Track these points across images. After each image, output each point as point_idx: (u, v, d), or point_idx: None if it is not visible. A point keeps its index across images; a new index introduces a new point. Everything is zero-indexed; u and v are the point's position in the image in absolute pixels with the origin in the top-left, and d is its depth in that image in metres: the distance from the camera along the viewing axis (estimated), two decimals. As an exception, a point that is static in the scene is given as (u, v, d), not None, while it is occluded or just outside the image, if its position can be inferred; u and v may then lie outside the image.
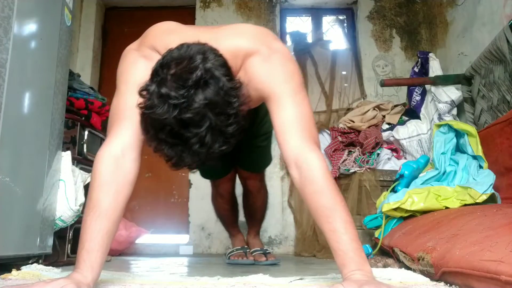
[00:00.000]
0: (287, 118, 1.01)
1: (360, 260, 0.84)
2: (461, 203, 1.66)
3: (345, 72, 3.49)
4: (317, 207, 0.92)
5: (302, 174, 0.95)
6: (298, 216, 3.01)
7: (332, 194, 0.91)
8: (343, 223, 0.88)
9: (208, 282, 1.00)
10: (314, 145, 0.99)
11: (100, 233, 0.88)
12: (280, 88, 1.05)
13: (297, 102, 1.03)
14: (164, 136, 0.83)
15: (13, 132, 1.35)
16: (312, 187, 0.93)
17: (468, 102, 2.44)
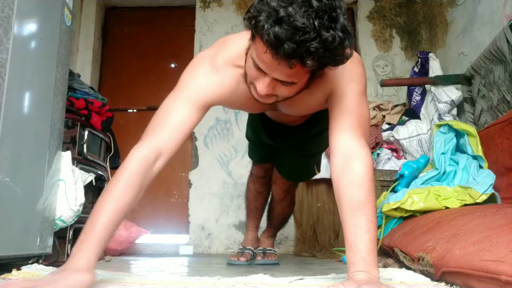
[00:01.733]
0: (346, 111, 1.03)
1: (371, 263, 0.84)
2: (461, 203, 1.67)
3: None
4: (349, 198, 0.92)
5: (346, 163, 0.96)
6: (298, 216, 3.01)
7: (367, 191, 0.92)
8: (367, 222, 0.88)
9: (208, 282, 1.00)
10: (365, 142, 1.01)
11: (111, 228, 0.88)
12: (346, 86, 1.06)
13: (359, 101, 1.06)
14: None
15: (13, 132, 1.35)
16: (350, 177, 0.94)
17: (468, 102, 2.44)
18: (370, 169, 0.95)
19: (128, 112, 3.52)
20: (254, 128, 1.81)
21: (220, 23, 3.53)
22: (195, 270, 1.58)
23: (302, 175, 2.00)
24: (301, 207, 3.00)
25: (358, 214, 0.88)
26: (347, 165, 0.96)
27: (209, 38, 3.50)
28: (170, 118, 1.02)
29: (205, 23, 3.54)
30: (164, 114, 1.03)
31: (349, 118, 1.02)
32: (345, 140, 0.99)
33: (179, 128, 1.01)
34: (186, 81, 1.09)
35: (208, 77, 1.09)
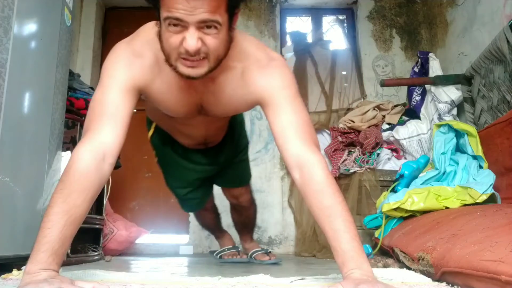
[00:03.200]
0: (287, 122, 1.03)
1: (359, 259, 0.84)
2: (461, 203, 1.67)
3: (345, 72, 3.49)
4: (318, 206, 0.92)
5: (304, 175, 0.96)
6: (298, 216, 3.01)
7: (333, 194, 0.92)
8: (344, 222, 0.88)
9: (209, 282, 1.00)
10: (315, 147, 1.01)
11: (71, 238, 0.87)
12: (278, 94, 1.07)
13: (295, 107, 1.06)
14: None
15: (13, 132, 1.35)
16: (313, 186, 0.94)
17: (468, 102, 2.44)
18: (326, 171, 0.96)
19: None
20: (185, 175, 1.79)
21: (220, 23, 3.53)
22: (195, 270, 1.58)
23: (249, 170, 2.01)
24: (301, 207, 3.00)
25: (333, 219, 0.89)
26: (305, 176, 0.96)
27: (209, 38, 3.50)
28: (106, 110, 0.99)
29: (205, 23, 3.53)
30: (98, 106, 1.00)
31: (291, 128, 1.02)
32: (295, 152, 0.99)
33: (117, 118, 0.98)
34: (109, 69, 1.07)
35: (129, 61, 1.08)
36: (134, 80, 1.07)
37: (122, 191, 3.19)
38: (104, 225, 2.36)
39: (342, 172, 2.68)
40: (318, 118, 3.23)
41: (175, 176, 1.83)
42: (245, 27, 3.52)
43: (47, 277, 0.79)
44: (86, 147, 0.92)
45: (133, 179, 3.31)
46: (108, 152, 0.95)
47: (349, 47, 3.56)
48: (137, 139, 3.34)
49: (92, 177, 0.90)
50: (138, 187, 3.33)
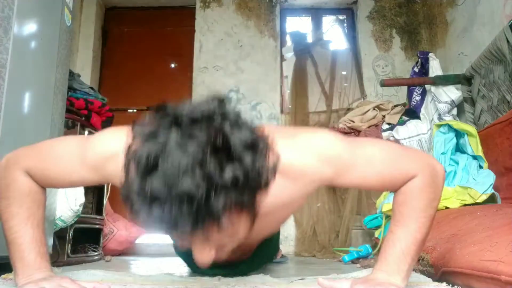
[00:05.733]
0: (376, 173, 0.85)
1: (395, 267, 0.79)
2: (461, 203, 1.67)
3: (345, 72, 3.49)
4: (395, 210, 0.85)
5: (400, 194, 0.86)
6: (298, 216, 3.01)
7: (415, 206, 0.82)
8: (405, 233, 0.81)
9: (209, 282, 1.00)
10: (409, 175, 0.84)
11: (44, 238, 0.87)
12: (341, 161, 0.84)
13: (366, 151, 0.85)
14: None
15: (13, 132, 1.35)
16: (401, 197, 0.85)
17: (468, 102, 2.44)
18: (421, 190, 0.83)
19: (128, 112, 3.51)
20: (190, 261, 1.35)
21: (220, 23, 3.54)
22: (195, 270, 1.58)
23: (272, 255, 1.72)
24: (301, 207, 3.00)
25: (399, 224, 0.83)
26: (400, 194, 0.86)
27: (209, 38, 3.50)
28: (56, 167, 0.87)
29: (205, 23, 3.54)
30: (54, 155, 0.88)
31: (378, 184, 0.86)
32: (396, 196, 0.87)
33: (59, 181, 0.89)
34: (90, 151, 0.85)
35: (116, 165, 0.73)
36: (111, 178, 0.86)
37: (122, 191, 3.19)
38: (104, 225, 2.36)
39: (342, 172, 2.68)
40: (318, 118, 3.23)
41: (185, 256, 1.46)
42: (245, 27, 3.52)
43: (45, 276, 0.79)
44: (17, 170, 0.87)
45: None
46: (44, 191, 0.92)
47: (349, 47, 3.56)
48: (137, 139, 3.34)
49: (36, 189, 0.88)
50: (138, 187, 3.33)
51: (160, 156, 0.56)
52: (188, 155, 0.55)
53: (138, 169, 0.57)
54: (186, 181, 0.54)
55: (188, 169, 0.55)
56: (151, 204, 0.56)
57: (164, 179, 0.55)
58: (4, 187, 0.86)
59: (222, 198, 0.56)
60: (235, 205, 0.58)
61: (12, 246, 0.83)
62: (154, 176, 0.55)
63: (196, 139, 0.56)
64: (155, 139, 0.57)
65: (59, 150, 0.88)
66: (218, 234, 0.60)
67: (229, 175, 0.56)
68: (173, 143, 0.56)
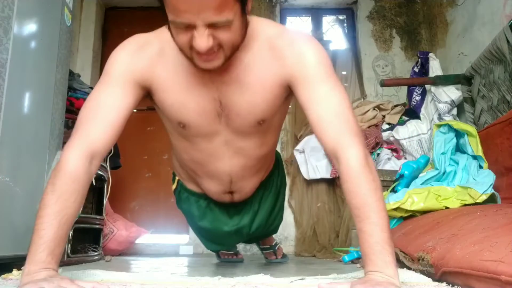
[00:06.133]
0: (323, 109, 0.92)
1: (381, 263, 0.80)
2: (461, 203, 1.67)
3: (345, 72, 3.48)
4: (350, 206, 0.87)
5: (340, 170, 0.89)
6: (298, 216, 3.01)
7: (365, 195, 0.84)
8: (371, 225, 0.82)
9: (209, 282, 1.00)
10: (354, 137, 0.90)
11: (66, 238, 0.88)
12: (313, 69, 0.95)
13: (332, 88, 0.93)
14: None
15: (13, 132, 1.35)
16: (346, 185, 0.87)
17: (468, 102, 2.44)
18: (361, 168, 0.86)
19: (128, 112, 3.51)
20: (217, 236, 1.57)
21: (220, 23, 3.54)
22: (195, 270, 1.58)
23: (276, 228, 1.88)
24: (301, 207, 3.00)
25: (360, 220, 0.84)
26: (340, 172, 0.89)
27: (209, 38, 3.50)
28: (99, 110, 0.95)
29: (205, 23, 3.54)
30: (92, 106, 0.96)
31: (327, 116, 0.91)
32: (331, 143, 0.91)
33: (110, 121, 0.95)
34: (108, 65, 1.01)
35: (131, 53, 1.01)
36: (135, 74, 1.00)
37: (122, 191, 3.19)
38: (104, 225, 2.36)
39: (342, 172, 2.68)
40: (318, 118, 3.23)
41: (203, 237, 1.65)
42: None
43: (46, 276, 0.79)
44: (75, 150, 0.90)
45: (133, 179, 3.31)
46: (96, 154, 0.93)
47: (349, 47, 3.56)
48: (137, 139, 3.34)
49: (81, 179, 0.89)
50: (138, 187, 3.33)
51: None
52: None
53: None
54: None
55: None
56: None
57: None
58: (55, 171, 0.90)
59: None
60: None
61: (34, 234, 0.84)
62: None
63: None
64: None
65: (92, 95, 0.98)
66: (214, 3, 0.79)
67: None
68: None
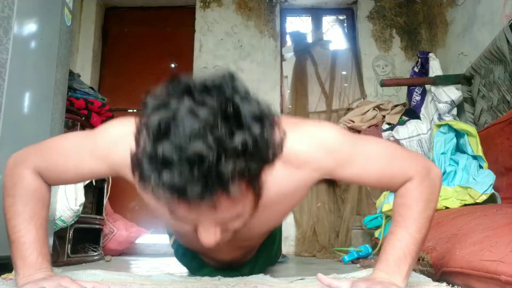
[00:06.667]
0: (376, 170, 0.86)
1: (394, 267, 0.79)
2: (461, 203, 1.67)
3: (345, 72, 3.48)
4: (394, 214, 0.86)
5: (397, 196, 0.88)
6: (298, 216, 3.01)
7: (413, 208, 0.83)
8: (406, 233, 0.81)
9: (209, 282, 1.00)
10: (406, 176, 0.86)
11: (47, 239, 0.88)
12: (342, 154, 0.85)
13: (366, 148, 0.87)
14: None
15: (13, 132, 1.35)
16: (398, 198, 0.87)
17: (468, 102, 2.44)
18: (419, 194, 0.84)
19: (128, 112, 3.51)
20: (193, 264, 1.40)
21: (220, 23, 3.54)
22: (195, 270, 1.58)
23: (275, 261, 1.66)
24: (301, 207, 3.00)
25: (397, 225, 0.84)
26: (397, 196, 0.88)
27: (209, 38, 3.50)
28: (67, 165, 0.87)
29: (205, 23, 3.54)
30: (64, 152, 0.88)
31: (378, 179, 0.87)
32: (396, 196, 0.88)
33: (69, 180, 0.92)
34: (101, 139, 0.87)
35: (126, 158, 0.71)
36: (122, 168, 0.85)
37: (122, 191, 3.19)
38: (104, 225, 2.36)
39: (342, 172, 2.68)
40: (318, 118, 3.23)
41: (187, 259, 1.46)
42: (245, 27, 3.52)
43: (45, 276, 0.79)
44: (30, 169, 0.87)
45: (133, 179, 3.31)
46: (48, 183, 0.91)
47: (349, 47, 3.56)
48: (137, 139, 3.34)
49: (41, 190, 0.88)
50: (138, 187, 3.33)
51: (172, 122, 0.57)
52: (200, 120, 0.56)
53: (149, 135, 0.58)
54: (198, 144, 0.55)
55: (200, 133, 0.56)
56: (162, 169, 0.56)
57: (175, 143, 0.56)
58: (10, 185, 0.87)
59: (231, 163, 0.56)
60: (243, 173, 0.59)
61: (14, 245, 0.83)
62: (166, 140, 0.56)
63: (207, 106, 0.58)
64: (167, 107, 0.59)
65: (67, 145, 0.89)
66: (226, 203, 0.61)
67: (239, 140, 0.57)
68: (185, 110, 0.57)
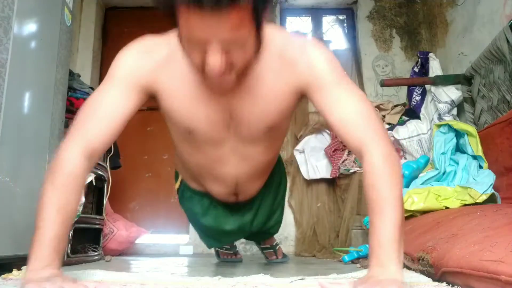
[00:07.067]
0: (344, 109, 0.92)
1: (385, 259, 0.79)
2: (461, 203, 1.67)
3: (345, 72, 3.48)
4: (367, 200, 0.86)
5: (363, 166, 0.89)
6: (298, 216, 3.01)
7: (382, 188, 0.84)
8: (384, 220, 0.81)
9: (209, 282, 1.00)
10: (377, 135, 0.90)
11: (67, 236, 0.91)
12: (327, 77, 0.95)
13: (349, 89, 0.95)
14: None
15: (13, 132, 1.35)
16: (366, 179, 0.87)
17: (468, 102, 2.44)
18: (384, 164, 0.85)
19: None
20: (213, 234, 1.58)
21: (220, 23, 3.53)
22: (195, 270, 1.58)
23: (277, 227, 1.87)
24: (301, 207, 3.00)
25: (374, 214, 0.84)
26: (362, 166, 0.90)
27: (209, 38, 3.50)
28: (100, 109, 0.94)
29: (205, 23, 3.53)
30: (92, 105, 0.95)
31: (349, 119, 0.91)
32: (356, 145, 0.90)
33: (110, 120, 0.94)
34: (112, 67, 1.02)
35: (137, 56, 1.02)
36: (140, 78, 0.99)
37: (122, 191, 3.19)
38: (104, 225, 2.36)
39: (342, 172, 2.68)
40: (318, 118, 3.23)
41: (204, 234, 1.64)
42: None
43: (50, 276, 0.79)
44: (74, 148, 0.90)
45: (133, 179, 3.31)
46: (94, 152, 0.93)
47: (349, 47, 3.56)
48: (137, 139, 3.34)
49: (80, 177, 0.90)
50: (138, 187, 3.33)
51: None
52: None
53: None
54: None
55: None
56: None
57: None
58: (52, 170, 0.89)
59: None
60: None
61: (37, 230, 0.84)
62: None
63: None
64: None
65: (97, 97, 0.97)
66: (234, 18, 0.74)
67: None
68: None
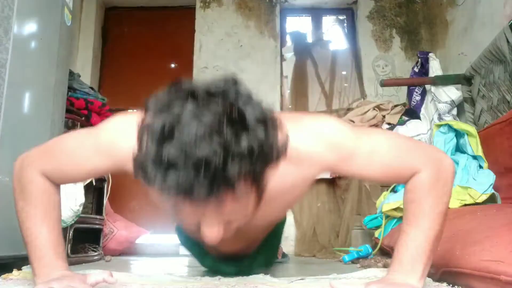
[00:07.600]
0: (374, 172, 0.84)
1: (409, 267, 0.78)
2: (461, 203, 1.67)
3: (345, 72, 3.48)
4: (405, 211, 0.84)
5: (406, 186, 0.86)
6: (298, 216, 3.01)
7: (425, 203, 0.80)
8: (418, 232, 0.79)
9: (209, 282, 1.00)
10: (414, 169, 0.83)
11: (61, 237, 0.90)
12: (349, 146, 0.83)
13: (375, 138, 0.85)
14: None
15: (13, 132, 1.35)
16: (408, 194, 0.84)
17: (468, 102, 2.44)
18: (430, 187, 0.81)
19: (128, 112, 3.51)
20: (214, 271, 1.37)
21: (220, 23, 3.53)
22: (195, 270, 1.58)
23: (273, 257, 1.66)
24: (301, 207, 3.00)
25: (409, 223, 0.82)
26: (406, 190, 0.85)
27: (209, 38, 3.50)
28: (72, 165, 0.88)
29: (205, 23, 3.53)
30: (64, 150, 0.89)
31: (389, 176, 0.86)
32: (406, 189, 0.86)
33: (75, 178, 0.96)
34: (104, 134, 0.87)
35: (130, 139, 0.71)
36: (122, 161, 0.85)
37: (122, 191, 3.19)
38: (104, 225, 2.36)
39: (342, 172, 2.67)
40: (318, 118, 3.23)
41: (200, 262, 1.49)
42: (245, 27, 3.52)
43: (59, 276, 0.79)
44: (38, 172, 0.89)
45: (133, 179, 3.30)
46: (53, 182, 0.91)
47: (349, 47, 3.56)
48: (137, 139, 3.34)
49: (50, 191, 0.89)
50: (138, 187, 3.32)
51: (176, 126, 0.57)
52: (204, 124, 0.57)
53: (153, 138, 0.58)
54: (204, 147, 0.56)
55: (205, 137, 0.56)
56: (167, 170, 0.56)
57: (180, 146, 0.56)
58: (20, 189, 0.89)
59: (237, 166, 0.57)
60: (249, 174, 0.60)
61: (29, 246, 0.85)
62: (170, 143, 0.56)
63: (212, 110, 0.58)
64: (171, 110, 0.59)
65: (71, 144, 0.90)
66: (231, 203, 0.61)
67: (245, 144, 0.58)
68: (189, 114, 0.58)
